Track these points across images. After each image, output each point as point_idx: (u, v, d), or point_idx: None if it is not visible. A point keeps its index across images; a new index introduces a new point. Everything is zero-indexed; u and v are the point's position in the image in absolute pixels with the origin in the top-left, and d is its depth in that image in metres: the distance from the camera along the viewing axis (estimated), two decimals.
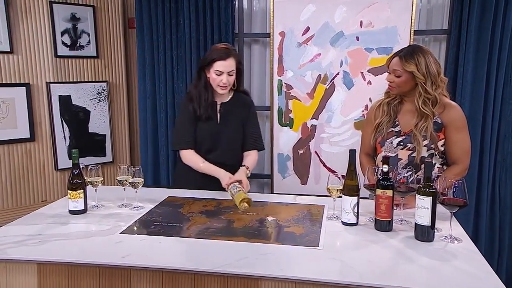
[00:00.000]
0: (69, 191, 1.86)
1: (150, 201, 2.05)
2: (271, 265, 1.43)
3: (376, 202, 1.71)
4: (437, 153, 2.02)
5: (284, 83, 3.17)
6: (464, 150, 2.01)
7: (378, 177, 1.73)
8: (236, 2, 3.24)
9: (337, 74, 3.08)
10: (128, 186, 1.95)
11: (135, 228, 1.75)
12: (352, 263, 1.44)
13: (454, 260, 1.47)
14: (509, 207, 2.99)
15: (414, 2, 2.89)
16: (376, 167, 1.86)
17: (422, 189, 1.60)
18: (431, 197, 1.58)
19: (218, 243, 1.60)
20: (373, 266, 1.43)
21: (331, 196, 1.85)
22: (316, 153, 3.20)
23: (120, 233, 1.68)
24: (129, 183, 1.95)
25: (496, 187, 2.99)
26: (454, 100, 2.84)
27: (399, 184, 1.79)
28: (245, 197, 1.88)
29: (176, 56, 3.30)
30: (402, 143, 2.03)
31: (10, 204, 3.03)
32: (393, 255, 1.52)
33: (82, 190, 1.87)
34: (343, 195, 1.76)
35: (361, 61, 3.02)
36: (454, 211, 1.63)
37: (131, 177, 1.95)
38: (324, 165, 3.19)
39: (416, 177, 1.93)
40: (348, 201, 1.75)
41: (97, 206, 1.98)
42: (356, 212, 1.76)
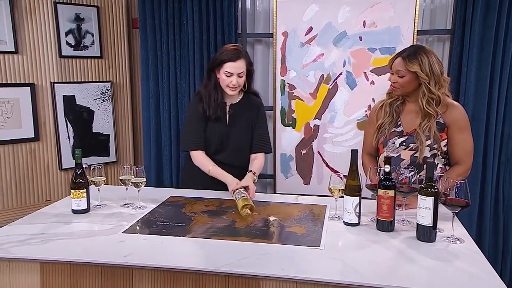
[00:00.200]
0: (72, 191, 1.87)
1: (153, 201, 2.06)
2: (273, 265, 1.44)
3: (378, 202, 1.71)
4: (440, 154, 2.02)
5: (287, 83, 3.17)
6: (467, 151, 2.00)
7: (380, 177, 1.72)
8: (239, 3, 3.24)
9: (340, 74, 3.07)
10: (131, 186, 1.96)
11: (138, 228, 1.75)
12: (354, 263, 1.44)
13: (456, 261, 1.47)
14: None
15: (417, 2, 2.88)
16: (378, 167, 1.86)
17: (424, 189, 1.60)
18: (433, 198, 1.58)
19: (220, 243, 1.60)
20: (375, 266, 1.43)
21: (333, 196, 1.85)
22: (319, 153, 3.20)
23: (123, 233, 1.69)
24: (132, 183, 1.95)
25: (500, 188, 2.98)
26: (458, 100, 2.83)
27: (401, 184, 1.79)
28: (248, 203, 1.88)
29: (179, 56, 3.30)
30: (405, 143, 2.02)
31: (15, 204, 3.05)
32: (395, 255, 1.51)
33: (85, 190, 1.88)
34: (345, 195, 1.76)
35: (364, 61, 3.02)
36: (456, 212, 1.62)
37: (134, 177, 1.96)
38: (327, 165, 3.18)
39: (419, 177, 1.93)
40: (350, 201, 1.75)
41: (100, 206, 1.99)
42: (358, 212, 1.76)
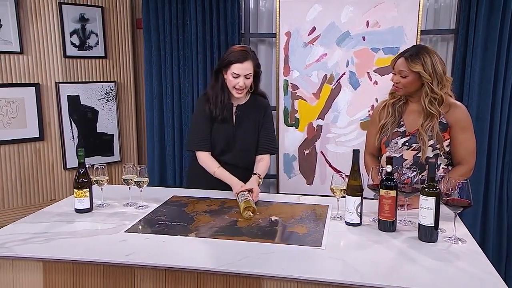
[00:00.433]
0: (75, 190, 1.88)
1: (155, 200, 2.07)
2: (273, 265, 1.44)
3: (380, 203, 1.71)
4: (443, 154, 2.01)
5: (290, 83, 3.17)
6: (469, 151, 2.00)
7: (382, 178, 1.72)
8: (243, 3, 3.25)
9: (343, 74, 3.07)
10: (133, 186, 1.97)
11: (140, 227, 1.76)
12: (355, 263, 1.44)
13: (457, 261, 1.46)
14: None
15: (421, 2, 2.87)
16: (380, 167, 1.85)
17: (426, 190, 1.59)
18: (435, 198, 1.57)
19: (222, 242, 1.61)
20: (376, 266, 1.42)
21: (335, 196, 1.85)
22: (322, 153, 3.20)
23: (125, 232, 1.70)
24: (134, 182, 1.96)
25: (504, 188, 2.96)
26: (462, 100, 2.83)
27: (404, 185, 1.78)
28: (250, 206, 1.88)
29: (183, 56, 3.32)
30: (407, 144, 2.02)
31: (20, 203, 3.07)
32: (396, 256, 1.51)
33: (88, 189, 1.89)
34: (347, 195, 1.76)
35: (368, 61, 3.01)
36: (458, 212, 1.62)
37: (136, 177, 1.97)
38: (330, 165, 3.18)
39: (421, 178, 1.93)
40: (352, 201, 1.75)
41: (103, 205, 2.00)
42: (360, 212, 1.76)
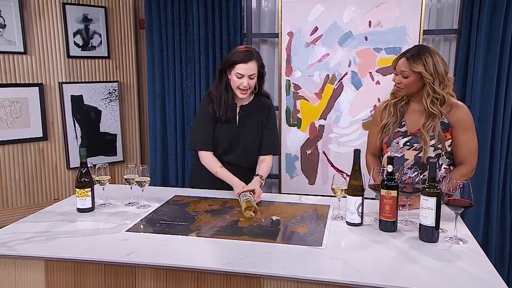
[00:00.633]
0: (77, 189, 1.89)
1: (157, 200, 2.08)
2: (274, 264, 1.44)
3: (381, 203, 1.71)
4: (444, 154, 2.00)
5: (292, 83, 3.17)
6: (471, 151, 1.99)
7: (383, 178, 1.72)
8: (245, 3, 3.25)
9: (345, 74, 3.07)
10: (135, 185, 1.98)
11: (141, 227, 1.77)
12: (355, 263, 1.44)
13: (458, 261, 1.46)
14: None
15: (424, 2, 2.87)
16: (382, 167, 1.85)
17: (427, 190, 1.59)
18: (436, 198, 1.57)
19: (222, 242, 1.61)
20: (376, 266, 1.42)
21: (336, 196, 1.85)
22: (324, 153, 3.20)
23: (126, 231, 1.71)
24: (136, 182, 1.97)
25: (507, 189, 2.95)
26: (464, 101, 2.82)
27: (405, 185, 1.78)
28: (251, 205, 1.89)
29: (185, 56, 3.32)
30: (409, 143, 2.01)
31: (23, 202, 3.09)
32: (397, 256, 1.51)
33: (90, 189, 1.90)
34: (348, 195, 1.76)
35: (370, 61, 3.01)
36: (459, 212, 1.62)
37: (138, 176, 1.97)
38: (332, 165, 3.18)
39: (422, 178, 1.93)
40: (353, 201, 1.75)
41: (105, 204, 2.00)
42: (361, 212, 1.76)
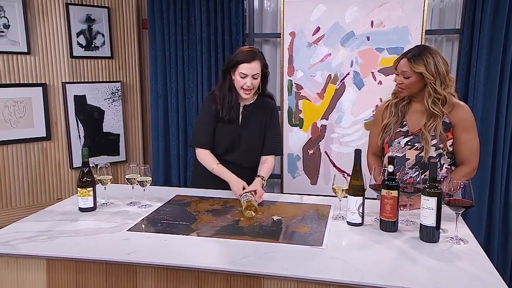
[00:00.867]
0: (79, 189, 1.90)
1: (158, 200, 2.08)
2: (274, 264, 1.45)
3: (381, 203, 1.71)
4: (446, 154, 2.00)
5: (294, 83, 3.17)
6: (473, 151, 1.99)
7: (384, 178, 1.72)
8: (247, 3, 3.26)
9: (347, 74, 3.06)
10: (137, 185, 1.99)
11: (142, 226, 1.78)
12: (355, 263, 1.44)
13: (458, 261, 1.46)
14: None
15: (426, 2, 2.86)
16: (383, 168, 1.85)
17: (427, 190, 1.59)
18: (436, 198, 1.57)
19: (223, 242, 1.62)
20: (376, 266, 1.43)
21: (337, 196, 1.85)
22: (326, 153, 3.19)
23: (127, 231, 1.71)
24: (138, 182, 1.98)
25: (510, 189, 2.93)
26: (467, 101, 2.81)
27: (406, 185, 1.78)
28: (252, 205, 1.89)
29: (187, 57, 3.33)
30: (410, 143, 2.01)
31: (27, 202, 3.11)
32: (397, 256, 1.51)
33: (92, 188, 1.91)
34: (348, 195, 1.76)
35: (372, 61, 3.01)
36: (460, 212, 1.62)
37: (140, 176, 1.98)
38: (334, 166, 3.18)
39: (424, 177, 1.93)
40: (353, 201, 1.75)
41: (106, 204, 2.01)
42: (361, 212, 1.76)
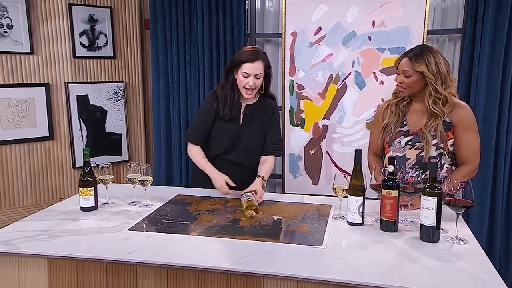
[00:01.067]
0: (80, 188, 1.91)
1: (159, 199, 2.09)
2: (274, 264, 1.45)
3: (382, 203, 1.71)
4: (447, 153, 2.00)
5: (296, 83, 3.17)
6: (473, 151, 1.98)
7: (384, 178, 1.72)
8: (249, 3, 3.26)
9: (349, 74, 3.06)
10: (138, 184, 1.99)
11: (143, 225, 1.78)
12: (356, 263, 1.45)
13: (458, 261, 1.46)
14: None
15: (428, 2, 2.85)
16: (383, 167, 1.85)
17: (427, 190, 1.59)
18: (436, 198, 1.57)
19: (223, 241, 1.62)
20: (377, 266, 1.43)
21: (337, 196, 1.85)
22: (328, 153, 3.19)
23: (128, 230, 1.72)
24: (139, 181, 1.98)
25: None
26: (469, 101, 2.81)
27: (406, 185, 1.78)
28: (252, 205, 1.90)
29: (189, 57, 3.34)
30: (410, 143, 2.01)
31: (30, 201, 3.13)
32: (397, 256, 1.51)
33: (93, 188, 1.92)
34: (349, 195, 1.76)
35: (373, 61, 3.00)
36: (460, 212, 1.61)
37: (141, 175, 1.99)
38: (336, 166, 3.18)
39: (424, 177, 1.92)
40: (354, 201, 1.75)
41: (108, 203, 2.02)
42: (362, 212, 1.76)
